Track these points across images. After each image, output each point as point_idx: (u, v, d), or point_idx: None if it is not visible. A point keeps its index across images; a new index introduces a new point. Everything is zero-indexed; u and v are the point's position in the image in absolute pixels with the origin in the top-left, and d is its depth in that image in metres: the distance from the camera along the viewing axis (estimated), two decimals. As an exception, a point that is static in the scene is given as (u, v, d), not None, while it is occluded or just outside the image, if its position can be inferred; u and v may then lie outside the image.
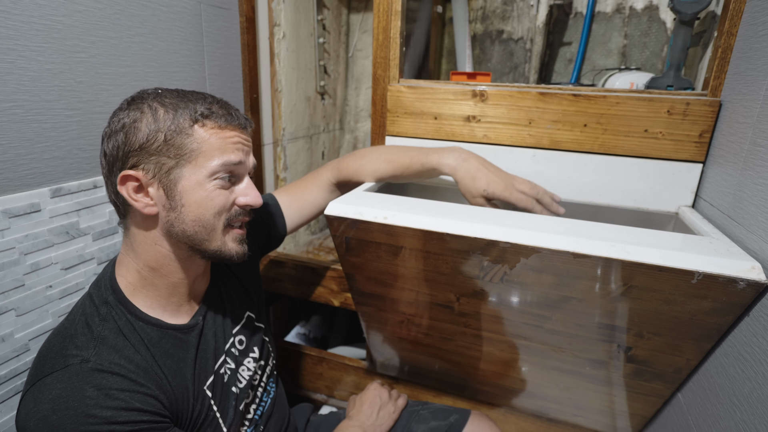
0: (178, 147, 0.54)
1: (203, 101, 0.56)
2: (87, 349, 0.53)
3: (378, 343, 1.00)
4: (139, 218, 0.57)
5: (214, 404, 0.63)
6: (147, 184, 0.55)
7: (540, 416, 0.98)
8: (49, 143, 0.68)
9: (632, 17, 1.14)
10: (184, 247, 0.58)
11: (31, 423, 0.48)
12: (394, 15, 0.89)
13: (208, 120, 0.55)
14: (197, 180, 0.55)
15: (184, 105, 0.55)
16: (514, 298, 0.71)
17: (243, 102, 1.10)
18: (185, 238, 0.57)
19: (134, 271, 0.59)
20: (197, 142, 0.55)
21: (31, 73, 0.64)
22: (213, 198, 0.56)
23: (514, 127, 0.87)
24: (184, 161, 0.54)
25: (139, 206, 0.55)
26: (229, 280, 0.73)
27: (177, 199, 0.55)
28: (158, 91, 0.57)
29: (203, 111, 0.55)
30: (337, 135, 1.62)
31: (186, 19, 0.90)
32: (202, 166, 0.55)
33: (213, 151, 0.55)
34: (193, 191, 0.55)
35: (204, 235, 0.57)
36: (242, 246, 0.62)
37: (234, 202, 0.59)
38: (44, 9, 0.65)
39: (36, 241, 0.68)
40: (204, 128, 0.55)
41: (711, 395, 0.63)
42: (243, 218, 0.61)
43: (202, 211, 0.56)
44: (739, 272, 0.53)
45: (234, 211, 0.59)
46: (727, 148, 0.71)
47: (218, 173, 0.56)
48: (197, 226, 0.57)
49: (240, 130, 0.59)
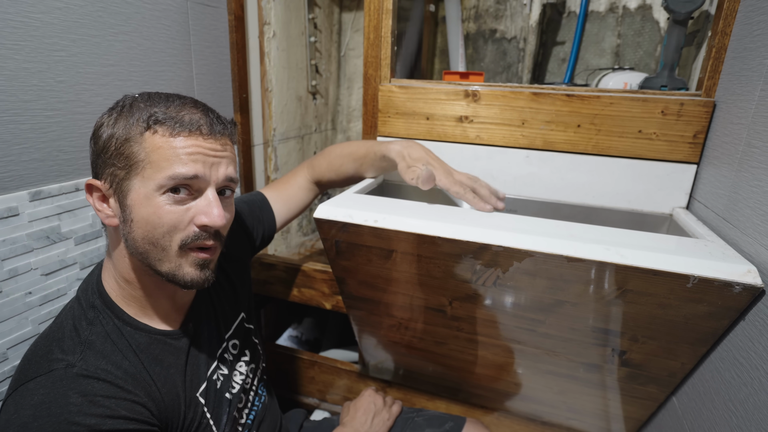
0: (127, 156, 0.49)
1: (166, 104, 0.51)
2: (73, 353, 0.51)
3: (370, 346, 0.98)
4: (110, 229, 0.55)
5: (208, 411, 0.61)
6: (108, 195, 0.52)
7: (534, 420, 0.97)
8: (28, 145, 0.66)
9: (625, 17, 1.13)
10: (142, 262, 0.53)
11: (10, 430, 0.46)
12: (386, 14, 0.87)
13: (160, 126, 0.50)
14: (145, 193, 0.50)
15: (144, 108, 0.50)
16: (508, 302, 0.69)
17: (232, 102, 1.08)
18: (137, 255, 0.53)
19: (113, 280, 0.57)
20: (145, 152, 0.49)
21: (8, 72, 0.62)
22: (161, 216, 0.50)
23: (507, 127, 0.86)
24: (133, 172, 0.50)
25: (101, 217, 0.53)
26: (219, 281, 0.71)
27: (128, 213, 0.51)
28: (136, 95, 0.53)
29: (158, 116, 0.50)
30: (329, 135, 1.60)
31: (172, 17, 0.88)
32: (150, 178, 0.49)
33: (161, 162, 0.49)
34: (141, 206, 0.50)
35: (155, 254, 0.52)
36: (203, 272, 0.54)
37: (192, 220, 0.52)
38: (20, 5, 0.62)
39: (14, 246, 0.65)
40: (155, 135, 0.50)
41: (706, 400, 0.62)
42: (203, 242, 0.53)
43: (150, 229, 0.51)
44: (734, 276, 0.52)
45: (191, 232, 0.52)
46: (721, 149, 0.70)
47: (165, 186, 0.50)
48: (146, 243, 0.51)
49: (203, 138, 0.51)
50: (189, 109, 0.52)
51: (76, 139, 0.72)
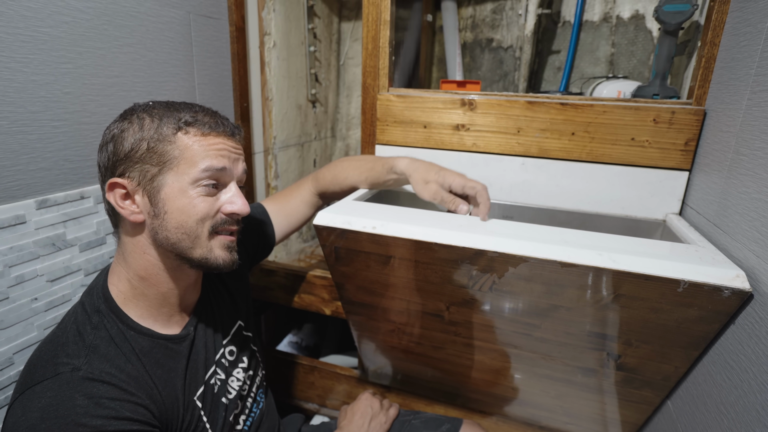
0: (160, 154, 0.54)
1: (189, 110, 0.57)
2: (78, 357, 0.52)
3: (369, 351, 0.99)
4: (128, 226, 0.57)
5: (204, 415, 0.63)
6: (133, 192, 0.55)
7: (532, 424, 0.98)
8: (35, 154, 0.67)
9: (619, 26, 1.15)
10: (171, 255, 0.58)
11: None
12: (383, 25, 0.89)
13: (191, 127, 0.55)
14: (180, 187, 0.55)
15: (170, 114, 0.56)
16: (504, 307, 0.71)
17: (233, 111, 1.10)
18: (169, 245, 0.57)
19: (125, 281, 0.59)
20: (179, 149, 0.54)
21: (17, 84, 0.64)
22: (196, 205, 0.56)
23: (503, 135, 0.87)
24: (166, 168, 0.54)
25: (125, 213, 0.55)
26: (218, 289, 0.73)
27: (160, 207, 0.55)
28: (149, 103, 0.58)
29: (187, 119, 0.55)
30: (329, 143, 1.62)
31: (175, 29, 0.90)
32: (185, 173, 0.55)
33: (195, 158, 0.55)
34: (176, 198, 0.55)
35: (188, 242, 0.57)
36: (231, 254, 0.60)
37: (219, 210, 0.58)
38: (30, 20, 0.64)
39: (21, 253, 0.67)
40: (187, 135, 0.55)
41: (699, 403, 0.64)
42: (230, 227, 0.60)
43: (185, 218, 0.55)
44: (723, 281, 0.53)
45: (219, 218, 0.58)
46: (712, 157, 0.72)
47: (201, 180, 0.55)
48: (180, 233, 0.56)
49: (226, 137, 0.58)
50: (208, 115, 0.58)
51: (81, 148, 0.74)
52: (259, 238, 0.83)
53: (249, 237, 0.80)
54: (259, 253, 0.84)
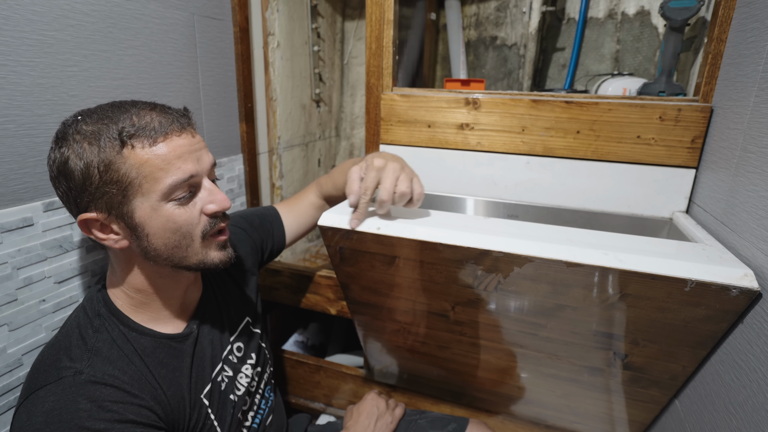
0: (117, 181, 0.49)
1: (125, 115, 0.50)
2: (81, 360, 0.52)
3: (375, 351, 0.99)
4: (115, 250, 0.56)
5: (212, 413, 0.63)
6: (108, 222, 0.52)
7: (538, 423, 0.97)
8: (42, 157, 0.68)
9: (624, 23, 1.14)
10: (167, 266, 0.57)
11: None
12: (387, 24, 0.89)
13: (135, 140, 0.49)
14: (151, 206, 0.51)
15: (106, 128, 0.49)
16: (509, 307, 0.70)
17: (238, 111, 1.10)
18: (162, 260, 0.55)
19: (122, 294, 0.59)
20: (135, 168, 0.49)
21: (23, 88, 0.64)
22: (176, 219, 0.53)
23: (507, 134, 0.87)
24: (130, 193, 0.50)
25: (109, 243, 0.53)
26: (225, 286, 0.73)
27: (140, 230, 0.52)
28: (78, 118, 0.51)
29: (128, 130, 0.49)
30: (333, 142, 1.62)
31: (179, 30, 0.90)
32: (151, 192, 0.50)
33: (156, 173, 0.50)
34: (152, 219, 0.52)
35: (181, 253, 0.55)
36: (225, 251, 0.59)
37: (201, 212, 0.55)
38: (36, 24, 0.65)
39: (29, 255, 0.68)
40: (135, 150, 0.49)
41: (707, 402, 0.63)
42: (219, 225, 0.58)
43: (170, 234, 0.53)
44: (731, 280, 0.53)
45: (205, 221, 0.56)
46: (719, 154, 0.71)
47: (170, 194, 0.52)
48: (170, 248, 0.54)
49: (177, 135, 0.52)
50: (149, 113, 0.52)
51: (87, 150, 0.75)
52: (272, 239, 0.84)
53: (261, 237, 0.81)
54: (271, 253, 0.86)
